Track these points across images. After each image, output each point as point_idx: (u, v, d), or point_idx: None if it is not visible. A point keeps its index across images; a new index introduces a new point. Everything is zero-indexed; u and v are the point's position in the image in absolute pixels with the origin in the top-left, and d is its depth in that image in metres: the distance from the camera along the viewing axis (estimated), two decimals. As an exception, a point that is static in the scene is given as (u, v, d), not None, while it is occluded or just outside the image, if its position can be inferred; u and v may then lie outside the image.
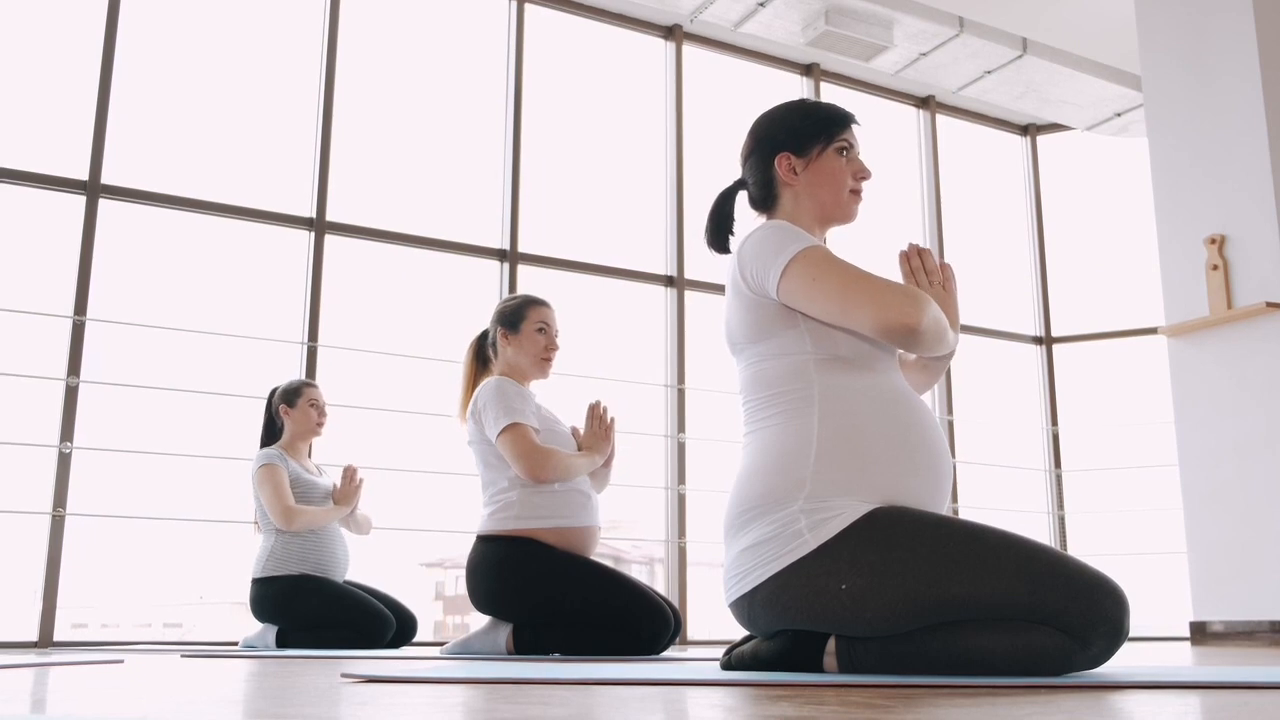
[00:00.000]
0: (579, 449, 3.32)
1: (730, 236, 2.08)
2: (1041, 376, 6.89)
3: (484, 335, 3.51)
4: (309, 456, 4.13)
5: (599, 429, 3.34)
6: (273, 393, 4.11)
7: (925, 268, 1.98)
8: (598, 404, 3.39)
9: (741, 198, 2.10)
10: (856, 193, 2.01)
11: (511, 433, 3.15)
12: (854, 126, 2.03)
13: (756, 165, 2.03)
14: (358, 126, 5.25)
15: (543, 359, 3.35)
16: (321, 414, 4.08)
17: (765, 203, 2.03)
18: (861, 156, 2.03)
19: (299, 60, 5.22)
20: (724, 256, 2.06)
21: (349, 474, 4.05)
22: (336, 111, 5.16)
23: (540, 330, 3.37)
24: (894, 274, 1.99)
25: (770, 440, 1.83)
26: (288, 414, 4.04)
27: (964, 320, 7.01)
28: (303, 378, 4.29)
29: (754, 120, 2.10)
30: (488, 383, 3.27)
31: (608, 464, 3.42)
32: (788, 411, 1.83)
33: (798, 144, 2.00)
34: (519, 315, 3.40)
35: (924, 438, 1.83)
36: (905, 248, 2.00)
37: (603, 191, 5.90)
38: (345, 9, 5.30)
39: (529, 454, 3.14)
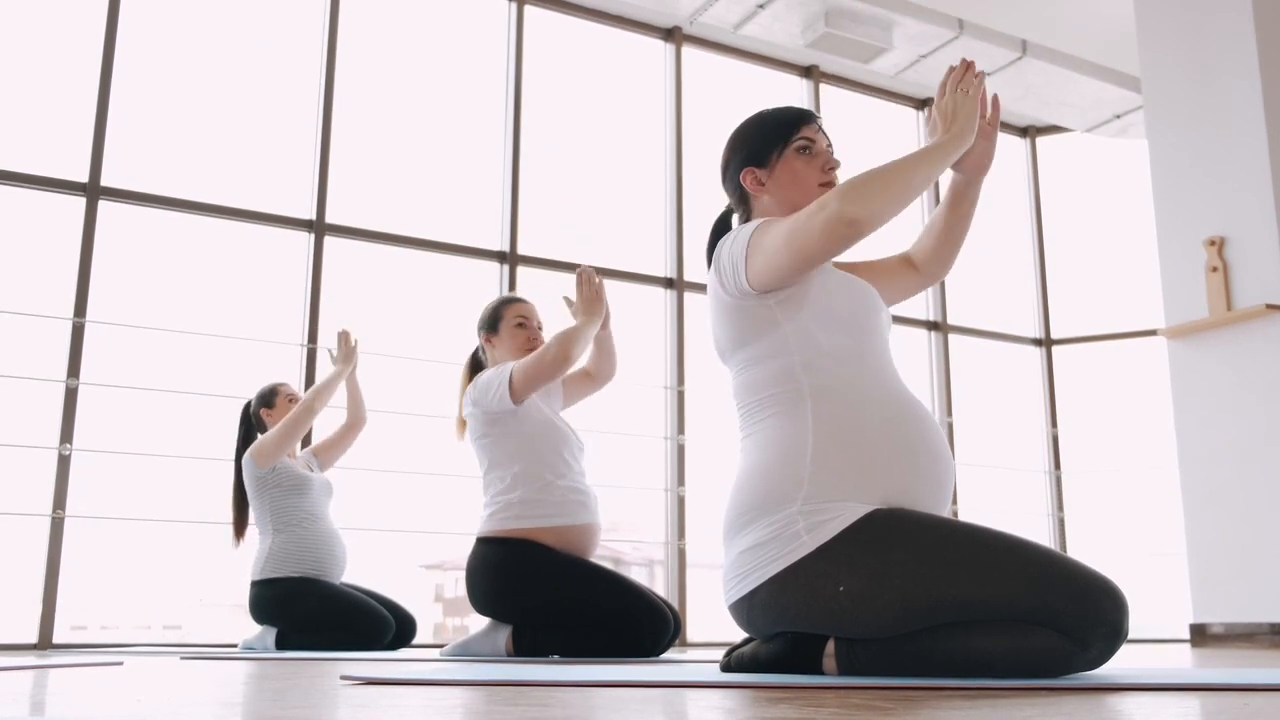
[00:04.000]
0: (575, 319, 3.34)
1: None
2: (1041, 378, 6.89)
3: (479, 349, 3.53)
4: (295, 455, 4.15)
5: (589, 293, 3.36)
6: (247, 406, 4.16)
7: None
8: (585, 268, 3.40)
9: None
10: (828, 184, 1.99)
11: (517, 366, 3.19)
12: (815, 122, 2.03)
13: (729, 185, 2.08)
14: (358, 128, 5.26)
15: (527, 350, 3.36)
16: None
17: (746, 217, 2.06)
18: (830, 148, 2.03)
19: (299, 62, 5.22)
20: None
21: (343, 336, 4.10)
22: (336, 113, 5.16)
23: (519, 325, 3.39)
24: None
25: (767, 441, 1.83)
26: (270, 415, 4.08)
27: (962, 323, 7.01)
28: (280, 380, 4.29)
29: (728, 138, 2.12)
30: (483, 374, 3.30)
31: (605, 326, 3.48)
32: (781, 413, 1.83)
33: (756, 156, 2.02)
34: (496, 316, 3.43)
35: (923, 437, 1.82)
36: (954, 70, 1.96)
37: (603, 194, 5.90)
38: (345, 10, 5.30)
39: (541, 353, 3.17)
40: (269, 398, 4.12)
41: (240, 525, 4.04)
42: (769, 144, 2.00)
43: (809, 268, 1.83)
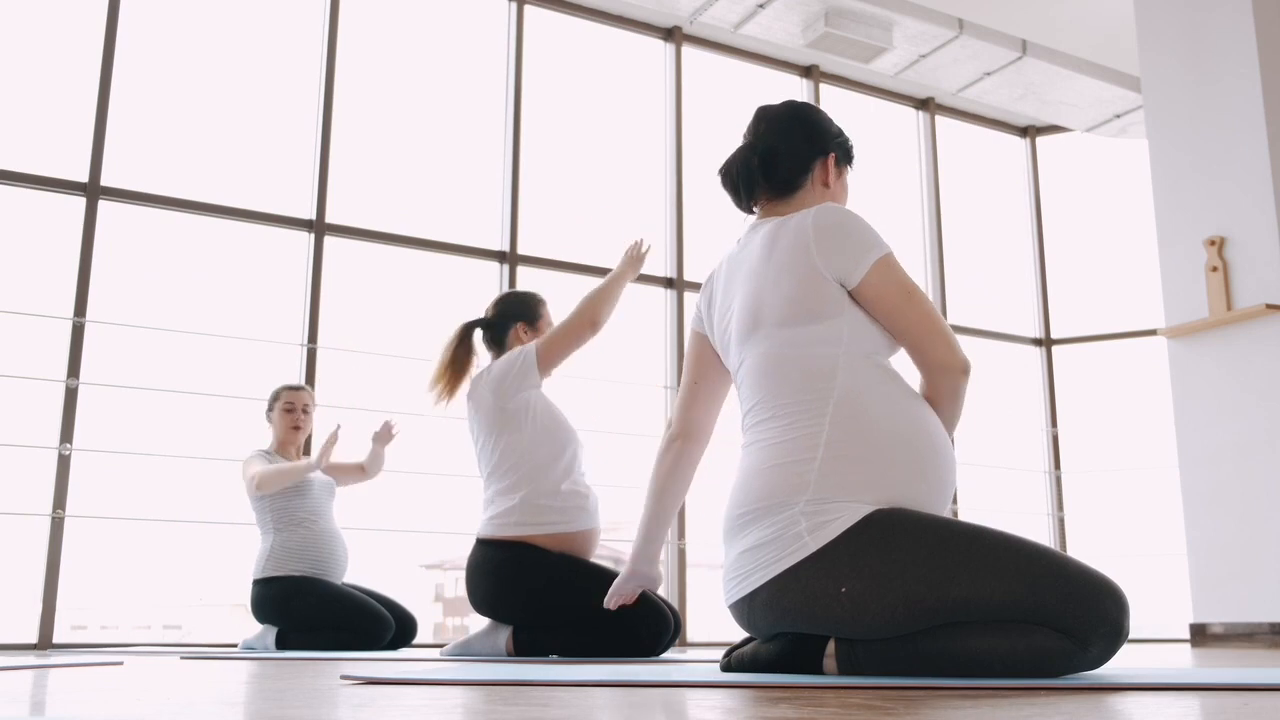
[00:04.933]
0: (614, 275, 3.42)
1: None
2: (1041, 378, 6.89)
3: (473, 325, 3.44)
4: (299, 456, 4.17)
5: (635, 253, 3.46)
6: None
7: None
8: (640, 241, 3.51)
9: None
10: None
11: (541, 339, 3.25)
12: None
13: (799, 151, 2.03)
14: (358, 128, 5.25)
15: None
16: (296, 417, 4.16)
17: (784, 187, 2.01)
18: None
19: (299, 61, 5.22)
20: (749, 218, 2.06)
21: (332, 436, 4.00)
22: (336, 113, 5.16)
23: None
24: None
25: (776, 441, 1.81)
26: (269, 420, 4.20)
27: (962, 324, 7.01)
28: (288, 383, 4.30)
29: (800, 105, 2.10)
30: (497, 361, 3.28)
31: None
32: (799, 414, 1.80)
33: (840, 154, 2.08)
34: (538, 313, 3.45)
35: (931, 439, 1.82)
36: None
37: (603, 193, 5.90)
38: (345, 10, 5.30)
39: (568, 320, 3.23)
40: (271, 402, 4.22)
41: None
42: (848, 155, 2.10)
43: (908, 345, 1.87)
